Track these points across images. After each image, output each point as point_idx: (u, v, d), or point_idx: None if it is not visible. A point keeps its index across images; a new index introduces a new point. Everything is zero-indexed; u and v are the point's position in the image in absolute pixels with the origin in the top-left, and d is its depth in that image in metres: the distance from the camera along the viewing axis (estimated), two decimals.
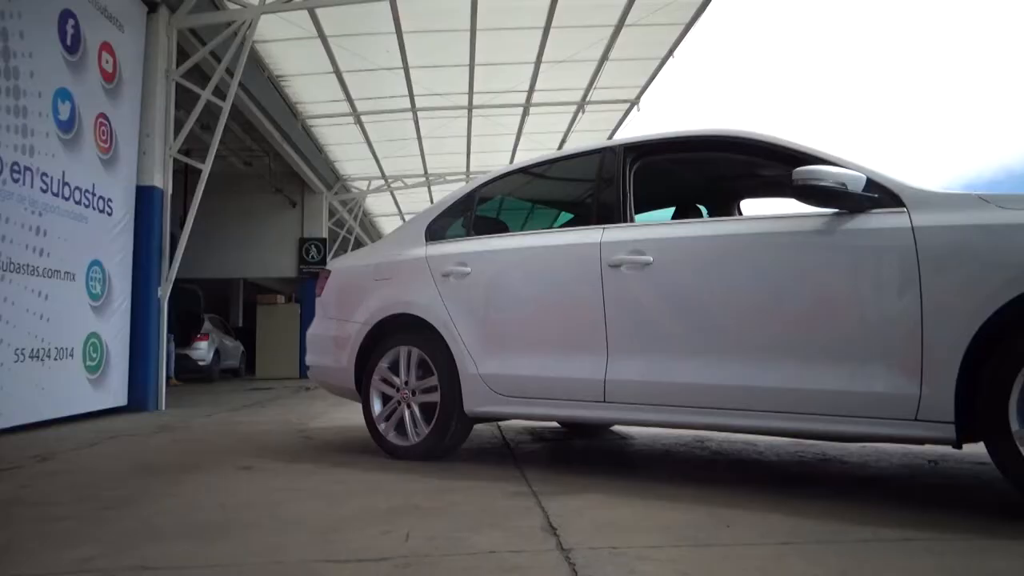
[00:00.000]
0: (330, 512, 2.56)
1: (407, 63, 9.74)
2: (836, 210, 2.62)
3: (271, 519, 2.47)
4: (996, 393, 2.23)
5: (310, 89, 10.79)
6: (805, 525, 2.25)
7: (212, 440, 4.78)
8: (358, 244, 17.45)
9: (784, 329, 2.71)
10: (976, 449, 2.42)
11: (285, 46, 9.33)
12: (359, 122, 11.87)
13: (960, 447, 2.42)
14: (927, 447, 3.61)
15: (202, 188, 7.73)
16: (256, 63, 9.53)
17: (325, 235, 15.30)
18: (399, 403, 3.70)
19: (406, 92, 10.75)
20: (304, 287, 14.68)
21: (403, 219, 18.35)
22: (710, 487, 2.95)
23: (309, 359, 4.34)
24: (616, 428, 4.86)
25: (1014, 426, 2.19)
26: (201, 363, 12.85)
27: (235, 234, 14.51)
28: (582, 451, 4.15)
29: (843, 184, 2.52)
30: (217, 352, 13.45)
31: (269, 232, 14.97)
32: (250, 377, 15.08)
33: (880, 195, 2.56)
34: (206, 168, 7.73)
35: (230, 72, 7.74)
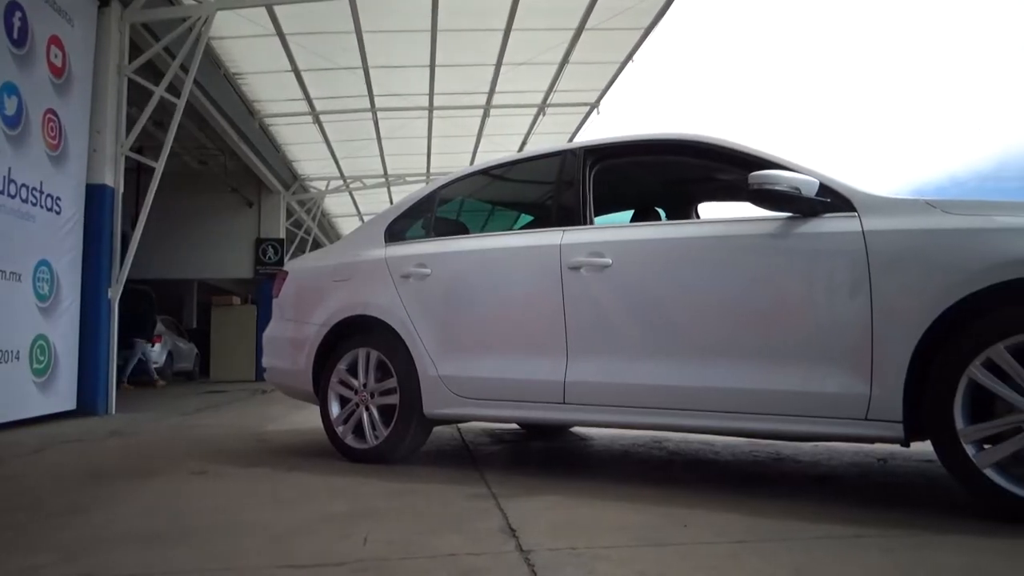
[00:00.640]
0: (287, 516, 2.52)
1: (367, 63, 9.66)
2: (790, 214, 2.67)
3: (227, 524, 2.43)
4: (942, 393, 2.30)
5: (268, 87, 10.62)
6: (760, 523, 2.29)
7: (165, 445, 4.68)
8: (316, 245, 17.23)
9: (740, 330, 2.75)
10: (923, 447, 2.49)
11: (242, 43, 9.17)
12: (318, 121, 11.72)
13: (908, 445, 2.50)
14: (877, 446, 3.70)
15: (155, 187, 7.55)
16: (212, 60, 9.35)
17: (282, 235, 15.06)
18: (358, 405, 3.66)
19: (366, 92, 10.65)
20: (261, 288, 14.42)
21: (362, 220, 18.17)
22: (668, 487, 2.99)
23: (265, 361, 4.28)
24: (575, 429, 4.89)
25: (959, 424, 2.26)
26: (154, 366, 12.56)
27: (189, 234, 14.20)
28: (541, 452, 4.16)
29: (797, 189, 2.57)
30: (170, 354, 13.13)
31: (225, 232, 14.69)
32: (204, 380, 14.78)
33: (832, 199, 2.62)
34: (159, 166, 7.56)
35: (185, 68, 7.58)
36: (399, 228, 3.90)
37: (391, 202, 15.21)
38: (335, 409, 3.74)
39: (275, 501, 2.81)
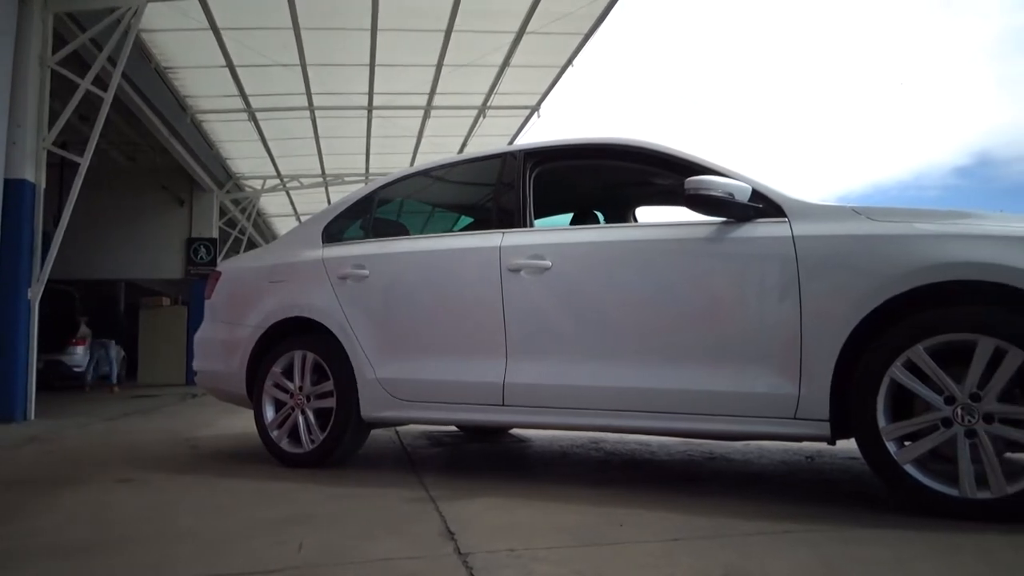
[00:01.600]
0: (219, 523, 2.45)
1: (305, 60, 9.49)
2: (724, 219, 2.74)
3: (155, 533, 2.35)
4: (866, 392, 2.39)
5: (201, 83, 10.33)
6: (694, 521, 2.34)
7: (88, 452, 4.50)
8: (251, 245, 16.83)
9: (676, 332, 2.81)
10: (848, 445, 2.59)
11: (174, 36, 8.89)
12: (253, 119, 11.46)
13: (834, 443, 2.59)
14: (805, 444, 3.82)
15: (80, 183, 7.24)
16: (142, 53, 9.04)
17: (215, 235, 14.65)
18: (293, 409, 3.59)
19: (303, 90, 10.47)
20: (192, 289, 14.00)
21: (299, 220, 17.83)
22: (605, 487, 3.03)
23: (197, 364, 4.16)
24: (514, 431, 4.90)
25: (881, 423, 2.36)
26: (76, 369, 12.04)
27: (116, 233, 13.68)
28: (480, 455, 4.16)
29: (731, 194, 2.64)
30: (96, 357, 12.62)
31: (154, 231, 14.20)
32: (132, 384, 14.26)
33: (764, 205, 2.70)
34: (84, 162, 7.26)
35: (113, 61, 7.30)
36: (337, 229, 3.84)
37: (329, 202, 14.99)
38: (270, 413, 3.67)
39: (207, 508, 2.73)
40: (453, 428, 5.02)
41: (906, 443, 2.37)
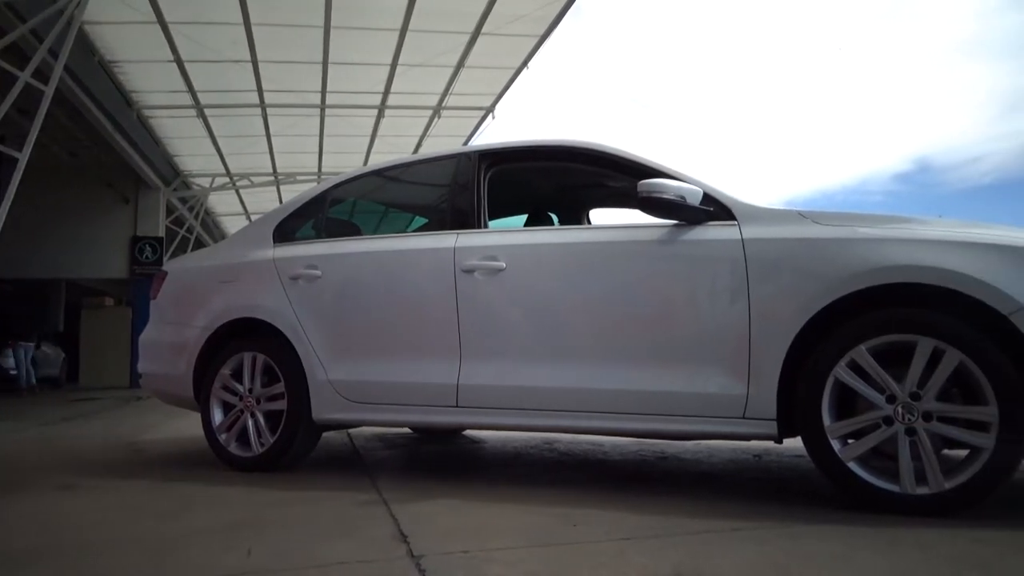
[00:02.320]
0: (166, 530, 2.39)
1: (256, 56, 9.34)
2: (676, 221, 2.78)
3: (100, 541, 2.28)
4: (811, 392, 2.45)
5: (148, 77, 10.08)
6: (646, 520, 2.36)
7: (25, 458, 4.34)
8: (199, 244, 16.45)
9: (628, 333, 2.84)
10: (795, 443, 2.65)
11: (120, 30, 8.65)
12: (202, 115, 11.22)
13: (781, 442, 2.65)
14: (753, 443, 3.90)
15: (18, 179, 6.99)
16: (85, 46, 8.77)
17: (162, 234, 14.29)
18: (242, 412, 3.52)
19: (254, 87, 10.30)
20: (137, 289, 13.63)
21: (249, 219, 17.52)
22: (558, 487, 3.04)
23: (142, 366, 4.04)
24: (468, 432, 4.89)
25: (826, 422, 2.43)
26: (12, 372, 11.61)
27: (57, 231, 13.24)
28: (434, 456, 4.14)
29: (683, 197, 2.68)
30: (33, 360, 12.19)
31: (97, 229, 13.77)
32: (73, 387, 13.81)
33: (715, 209, 2.75)
34: (23, 157, 7.00)
35: (54, 54, 7.07)
36: (289, 228, 3.78)
37: (280, 201, 14.79)
38: (218, 416, 3.59)
39: (152, 514, 2.66)
40: (406, 429, 4.99)
41: (850, 441, 2.44)
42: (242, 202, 16.99)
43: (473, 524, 2.38)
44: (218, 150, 12.93)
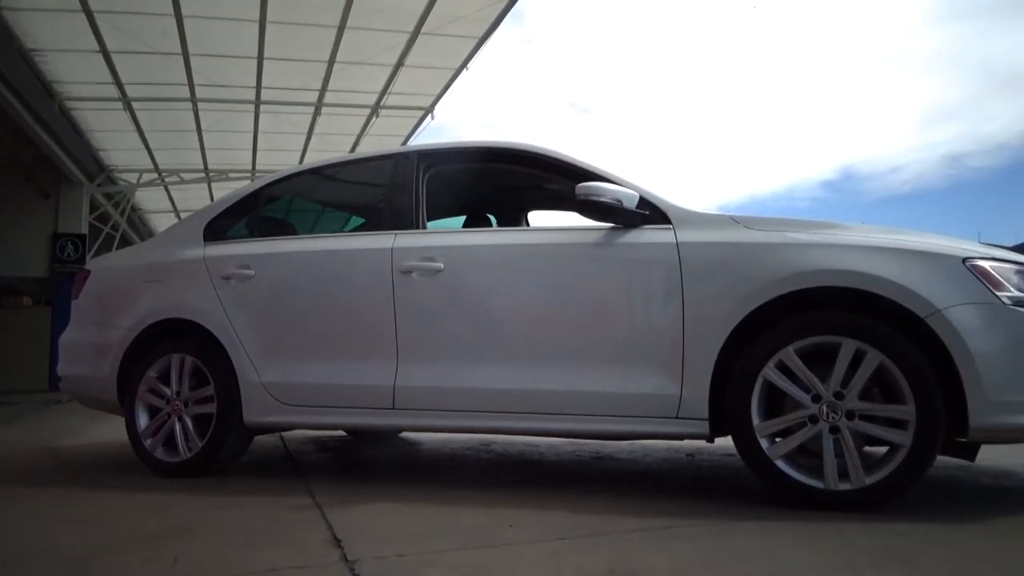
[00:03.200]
0: (87, 539, 2.29)
1: (187, 49, 9.04)
2: (613, 224, 2.82)
3: (15, 551, 2.17)
4: (741, 392, 2.52)
5: (71, 67, 9.64)
6: (581, 520, 2.39)
7: None
8: (125, 242, 15.82)
9: (565, 335, 2.86)
10: (725, 442, 2.71)
11: (41, 16, 8.25)
12: (130, 108, 10.80)
13: (712, 441, 2.72)
14: (686, 442, 3.98)
15: None
16: (3, 33, 8.35)
17: (85, 231, 13.68)
18: (169, 416, 3.41)
19: (185, 80, 9.97)
20: (57, 288, 13.03)
21: (179, 217, 16.98)
22: (495, 489, 3.04)
23: (62, 369, 3.87)
24: (405, 434, 4.85)
25: (755, 421, 2.50)
26: None
27: None
28: (369, 459, 4.09)
29: (619, 200, 2.72)
30: None
31: (14, 225, 13.09)
32: None
33: (651, 212, 2.80)
34: None
35: None
36: (220, 226, 3.68)
37: (212, 199, 14.38)
38: (143, 420, 3.46)
39: (73, 522, 2.55)
40: (341, 432, 4.92)
41: (777, 440, 2.52)
42: (171, 199, 16.44)
43: (409, 527, 2.36)
44: (146, 145, 12.48)
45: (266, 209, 3.83)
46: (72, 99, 10.56)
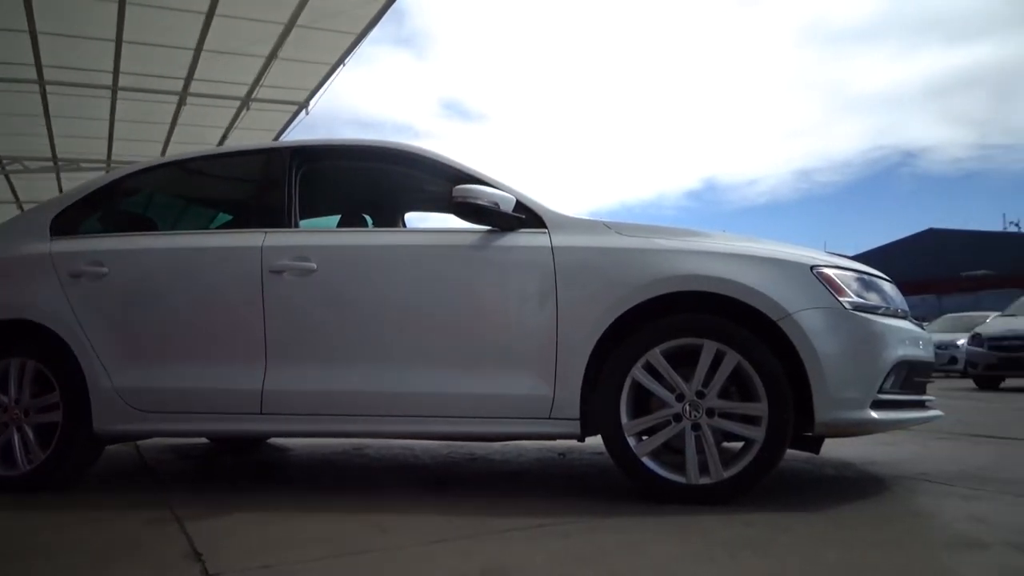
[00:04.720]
0: None
1: (35, 27, 8.34)
2: (489, 227, 2.84)
3: None
4: (611, 392, 2.61)
5: None
6: (455, 522, 2.39)
7: None
8: None
9: (439, 337, 2.86)
10: (595, 441, 2.80)
11: None
12: None
13: (583, 440, 2.79)
14: (558, 441, 4.07)
15: None
16: None
17: None
18: (6, 425, 3.11)
19: (32, 60, 9.19)
20: None
21: (21, 209, 15.60)
22: (368, 494, 2.99)
23: None
24: (273, 440, 4.67)
25: (624, 420, 2.59)
26: None
27: None
28: (234, 467, 3.91)
29: (496, 204, 2.75)
30: None
31: None
32: None
33: (527, 216, 2.85)
34: None
35: None
36: (70, 220, 3.40)
37: (60, 190, 13.31)
38: None
39: None
40: (203, 440, 4.67)
41: (644, 438, 2.62)
42: (13, 189, 15.09)
43: (276, 537, 2.28)
44: None
45: (123, 203, 3.58)
46: None
